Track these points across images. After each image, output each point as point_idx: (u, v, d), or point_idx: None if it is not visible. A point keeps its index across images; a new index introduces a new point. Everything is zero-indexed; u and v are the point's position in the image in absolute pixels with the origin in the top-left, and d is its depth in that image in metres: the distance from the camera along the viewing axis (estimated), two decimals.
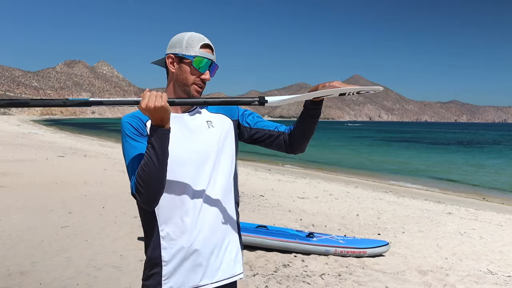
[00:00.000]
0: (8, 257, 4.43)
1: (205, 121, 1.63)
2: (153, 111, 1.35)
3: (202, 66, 1.56)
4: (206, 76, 1.58)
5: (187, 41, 1.57)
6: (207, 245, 1.55)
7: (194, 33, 1.60)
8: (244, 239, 5.07)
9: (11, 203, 6.88)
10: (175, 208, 1.52)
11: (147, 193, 1.40)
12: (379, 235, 6.29)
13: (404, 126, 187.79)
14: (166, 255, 1.52)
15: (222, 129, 1.65)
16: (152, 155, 1.38)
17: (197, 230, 1.53)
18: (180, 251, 1.52)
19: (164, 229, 1.52)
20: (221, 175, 1.60)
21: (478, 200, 12.30)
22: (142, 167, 1.40)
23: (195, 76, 1.57)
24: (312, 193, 10.20)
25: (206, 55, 1.56)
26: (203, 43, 1.57)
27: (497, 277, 4.71)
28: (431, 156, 29.62)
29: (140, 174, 1.40)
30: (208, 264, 1.56)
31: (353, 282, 4.23)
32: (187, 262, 1.53)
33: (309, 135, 1.70)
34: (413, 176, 18.23)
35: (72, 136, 35.64)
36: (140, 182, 1.39)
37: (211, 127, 1.62)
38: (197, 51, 1.55)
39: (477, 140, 59.96)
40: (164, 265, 1.52)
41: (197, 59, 1.55)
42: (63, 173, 10.50)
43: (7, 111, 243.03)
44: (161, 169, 1.40)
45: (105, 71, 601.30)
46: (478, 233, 6.84)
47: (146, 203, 1.43)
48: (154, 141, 1.39)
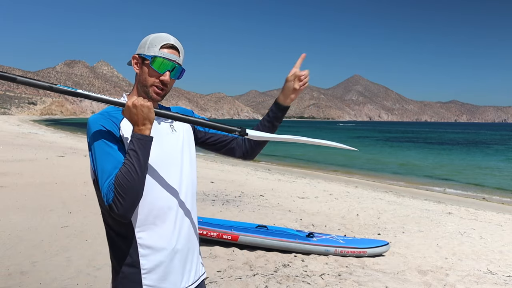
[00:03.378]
0: (8, 257, 4.43)
1: (169, 125, 1.60)
2: (136, 108, 1.35)
3: (160, 67, 1.48)
4: (165, 77, 1.49)
5: (150, 42, 1.51)
6: (185, 248, 1.54)
7: (162, 34, 1.53)
8: (244, 239, 5.08)
9: (11, 203, 6.88)
10: (150, 212, 1.46)
11: (127, 204, 1.32)
12: (379, 235, 6.29)
13: (404, 126, 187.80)
14: (145, 262, 1.45)
15: (184, 133, 1.64)
16: (135, 162, 1.32)
17: (177, 233, 1.51)
18: (159, 256, 1.46)
19: (141, 235, 1.45)
20: (188, 177, 1.59)
21: (478, 200, 12.31)
22: (122, 175, 1.31)
23: (154, 77, 1.49)
24: (312, 193, 10.20)
25: (166, 55, 1.48)
26: (164, 43, 1.50)
27: (497, 277, 4.71)
28: (431, 156, 29.62)
29: (120, 183, 1.31)
30: (186, 266, 1.55)
31: (353, 282, 4.23)
32: (167, 265, 1.48)
33: (266, 142, 1.75)
34: (413, 176, 18.23)
35: (72, 136, 35.62)
36: (119, 192, 1.30)
37: (174, 130, 1.60)
38: (157, 51, 1.48)
39: (477, 140, 59.96)
40: (144, 273, 1.46)
41: (155, 59, 1.48)
42: (63, 173, 10.50)
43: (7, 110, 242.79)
44: (143, 178, 1.36)
45: (105, 71, 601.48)
46: (478, 233, 6.85)
47: (123, 215, 1.33)
48: (138, 148, 1.34)
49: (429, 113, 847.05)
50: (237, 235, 5.08)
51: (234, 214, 7.01)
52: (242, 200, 8.41)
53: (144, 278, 1.46)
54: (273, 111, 1.72)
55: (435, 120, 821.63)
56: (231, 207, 7.48)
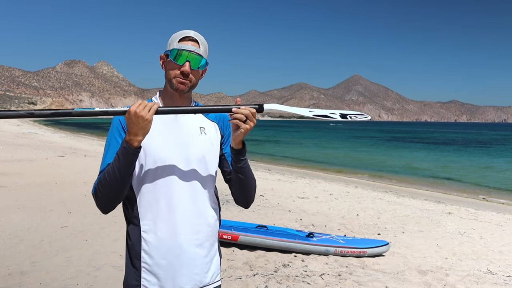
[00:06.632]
0: (8, 257, 4.42)
1: (198, 126, 1.59)
2: (134, 118, 1.35)
3: (178, 57, 1.51)
4: (185, 67, 1.51)
5: (171, 38, 1.56)
6: (189, 248, 1.52)
7: (183, 30, 1.57)
8: (244, 239, 5.07)
9: (11, 203, 6.88)
10: (155, 206, 1.50)
11: (102, 199, 1.44)
12: (379, 235, 6.29)
13: (404, 126, 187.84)
14: (145, 254, 1.50)
15: (212, 140, 1.61)
16: (116, 167, 1.39)
17: (179, 232, 1.50)
18: (160, 250, 1.49)
19: (145, 227, 1.51)
20: (204, 182, 1.57)
21: (478, 200, 12.30)
22: (105, 173, 1.42)
23: (176, 69, 1.53)
24: (312, 193, 10.20)
25: (183, 47, 1.51)
26: (183, 36, 1.54)
27: (497, 277, 4.71)
28: (431, 156, 29.61)
29: (101, 179, 1.43)
30: (188, 267, 1.52)
31: (353, 282, 4.23)
32: (167, 262, 1.49)
33: (245, 186, 1.60)
34: (413, 176, 18.23)
35: (72, 136, 35.63)
36: (99, 186, 1.43)
37: (203, 133, 1.59)
38: (176, 44, 1.53)
39: (477, 140, 59.97)
40: (144, 265, 1.50)
41: (174, 51, 1.52)
42: (63, 173, 10.50)
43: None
44: (122, 183, 1.41)
45: (105, 71, 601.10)
46: (478, 233, 6.85)
47: (100, 207, 1.47)
48: (121, 154, 1.39)
49: (429, 113, 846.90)
50: (237, 235, 5.08)
51: (234, 214, 7.02)
52: None
53: (143, 272, 1.51)
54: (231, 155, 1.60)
55: (435, 120, 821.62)
56: (231, 207, 7.47)
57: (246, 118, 1.45)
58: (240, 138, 1.49)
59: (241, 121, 1.45)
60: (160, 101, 1.62)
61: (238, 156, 1.54)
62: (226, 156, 1.64)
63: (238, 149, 1.53)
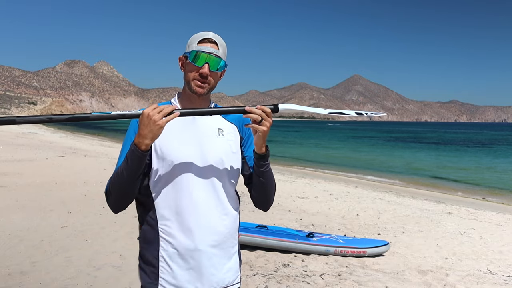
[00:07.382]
0: (8, 257, 4.42)
1: (217, 127, 1.58)
2: (146, 120, 1.35)
3: (197, 59, 1.51)
4: (204, 69, 1.50)
5: (190, 40, 1.56)
6: (206, 249, 1.50)
7: (202, 32, 1.57)
8: (244, 239, 5.07)
9: (11, 203, 6.88)
10: (174, 208, 1.48)
11: (112, 198, 1.47)
12: (379, 235, 6.29)
13: (404, 126, 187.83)
14: (164, 253, 1.49)
15: (231, 142, 1.59)
16: (124, 169, 1.41)
17: (197, 232, 1.48)
18: (178, 250, 1.48)
19: (163, 227, 1.49)
20: (222, 183, 1.54)
21: (478, 200, 12.30)
22: (115, 174, 1.44)
23: (194, 71, 1.52)
24: (312, 193, 10.21)
25: (202, 48, 1.51)
26: (202, 38, 1.54)
27: (497, 277, 4.71)
28: (431, 156, 29.61)
29: (112, 180, 1.45)
30: (206, 268, 1.50)
31: (353, 282, 4.23)
32: (185, 263, 1.48)
33: (266, 190, 1.59)
34: (413, 176, 18.23)
35: (72, 136, 35.64)
36: (110, 186, 1.46)
37: (221, 135, 1.57)
38: (194, 46, 1.52)
39: (477, 140, 59.97)
40: (161, 264, 1.49)
41: (192, 53, 1.52)
42: (63, 173, 10.50)
43: (7, 110, 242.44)
44: (130, 184, 1.42)
45: (105, 71, 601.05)
46: (478, 233, 6.84)
47: (111, 206, 1.50)
48: (129, 157, 1.40)
49: (429, 113, 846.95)
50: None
51: None
52: (242, 200, 8.38)
53: (161, 270, 1.50)
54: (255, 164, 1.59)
55: (435, 120, 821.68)
56: None
57: (261, 119, 1.44)
58: (260, 142, 1.48)
59: (257, 122, 1.44)
60: (178, 103, 1.62)
61: (261, 160, 1.53)
62: (247, 160, 1.63)
63: (261, 153, 1.52)
